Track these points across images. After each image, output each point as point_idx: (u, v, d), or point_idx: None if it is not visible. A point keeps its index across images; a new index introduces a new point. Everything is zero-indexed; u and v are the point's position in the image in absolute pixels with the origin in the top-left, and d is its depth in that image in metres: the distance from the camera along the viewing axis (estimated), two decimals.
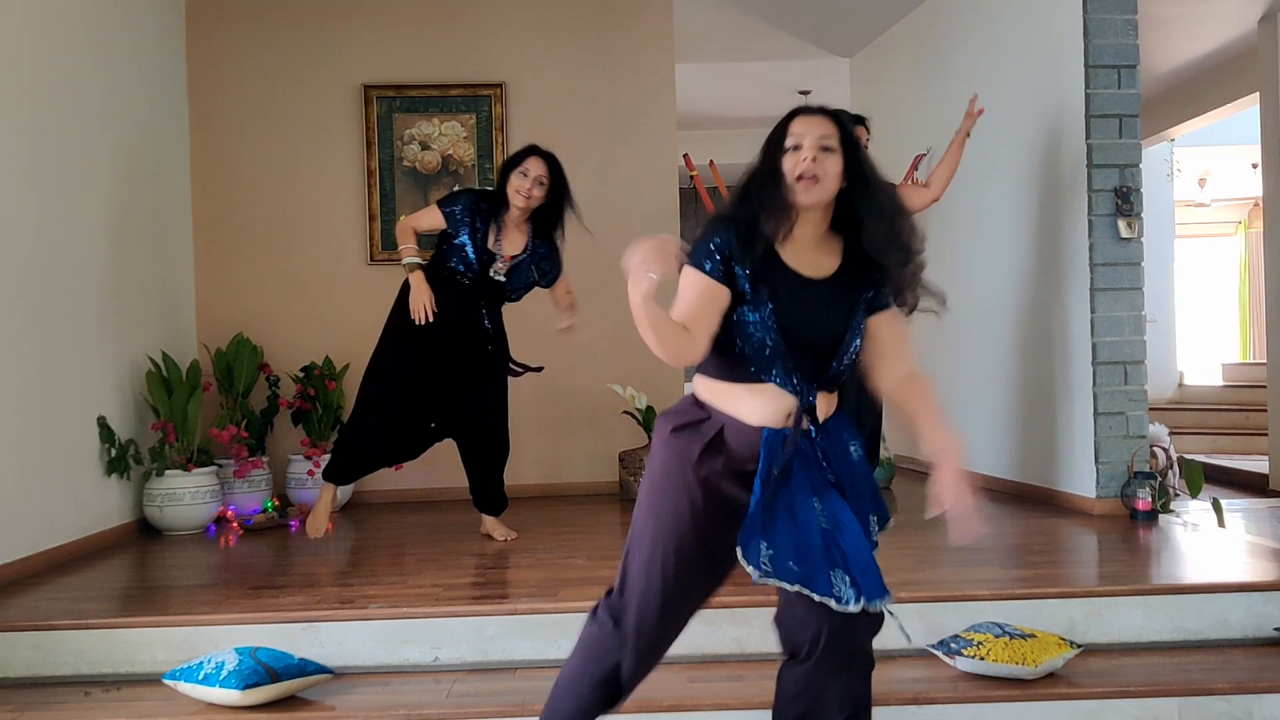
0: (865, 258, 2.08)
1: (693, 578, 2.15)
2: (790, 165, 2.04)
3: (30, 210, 4.06)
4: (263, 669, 2.80)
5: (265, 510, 5.04)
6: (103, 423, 4.53)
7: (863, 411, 4.23)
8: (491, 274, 4.21)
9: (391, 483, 5.62)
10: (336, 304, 5.68)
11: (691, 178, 5.78)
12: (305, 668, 2.91)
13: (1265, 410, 6.58)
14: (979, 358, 5.62)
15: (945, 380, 6.08)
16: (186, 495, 4.72)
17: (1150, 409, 4.84)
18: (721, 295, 2.02)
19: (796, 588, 2.00)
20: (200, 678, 2.81)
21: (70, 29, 4.44)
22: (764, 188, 2.04)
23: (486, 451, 4.36)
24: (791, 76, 8.40)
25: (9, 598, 3.52)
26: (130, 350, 4.84)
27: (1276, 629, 3.17)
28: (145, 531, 4.80)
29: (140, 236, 5.01)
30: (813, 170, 2.02)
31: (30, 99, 4.09)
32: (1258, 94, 6.41)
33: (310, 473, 5.29)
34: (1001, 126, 5.35)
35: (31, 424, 4.02)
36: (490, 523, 4.42)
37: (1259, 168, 6.79)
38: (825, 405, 2.12)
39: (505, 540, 4.33)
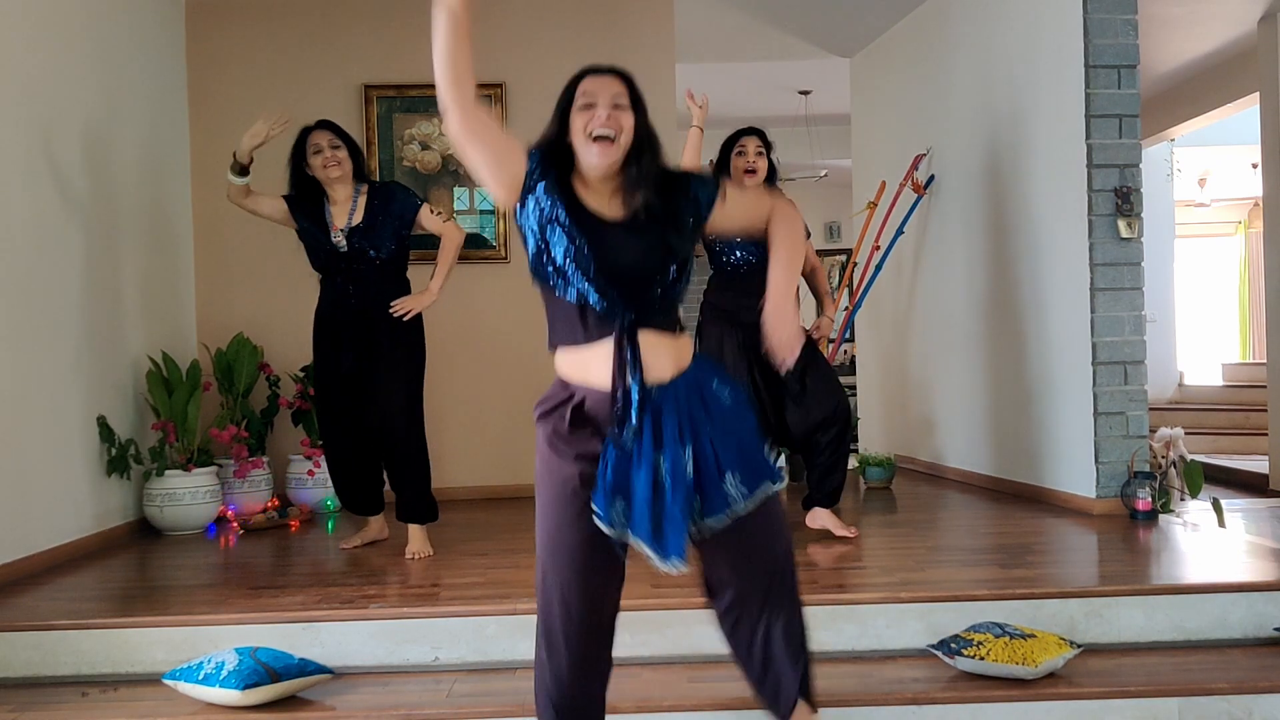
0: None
1: (593, 566, 2.13)
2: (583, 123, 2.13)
3: (30, 210, 4.06)
4: (263, 669, 2.80)
5: (265, 510, 5.04)
6: (103, 423, 4.53)
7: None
8: (335, 244, 4.09)
9: None
10: None
11: None
12: (305, 668, 2.91)
13: (1265, 410, 6.58)
14: (979, 358, 5.62)
15: (945, 379, 6.08)
16: (186, 495, 4.72)
17: (1150, 409, 4.84)
18: (511, 155, 2.11)
19: (640, 543, 2.06)
20: (200, 678, 2.81)
21: (70, 29, 4.44)
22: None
23: (401, 457, 4.14)
24: (791, 76, 8.40)
25: (9, 598, 3.52)
26: (130, 350, 4.85)
27: (1276, 629, 3.17)
28: (145, 531, 4.81)
29: (140, 236, 5.01)
30: (610, 127, 2.12)
31: (30, 99, 4.09)
32: (1258, 94, 6.41)
33: (310, 473, 5.29)
34: (1001, 126, 5.35)
35: (32, 424, 4.02)
36: (414, 532, 4.12)
37: (1259, 168, 6.79)
38: (669, 350, 2.12)
39: (414, 557, 4.02)
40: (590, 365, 2.10)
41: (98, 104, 4.63)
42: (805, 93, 8.92)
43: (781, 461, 2.02)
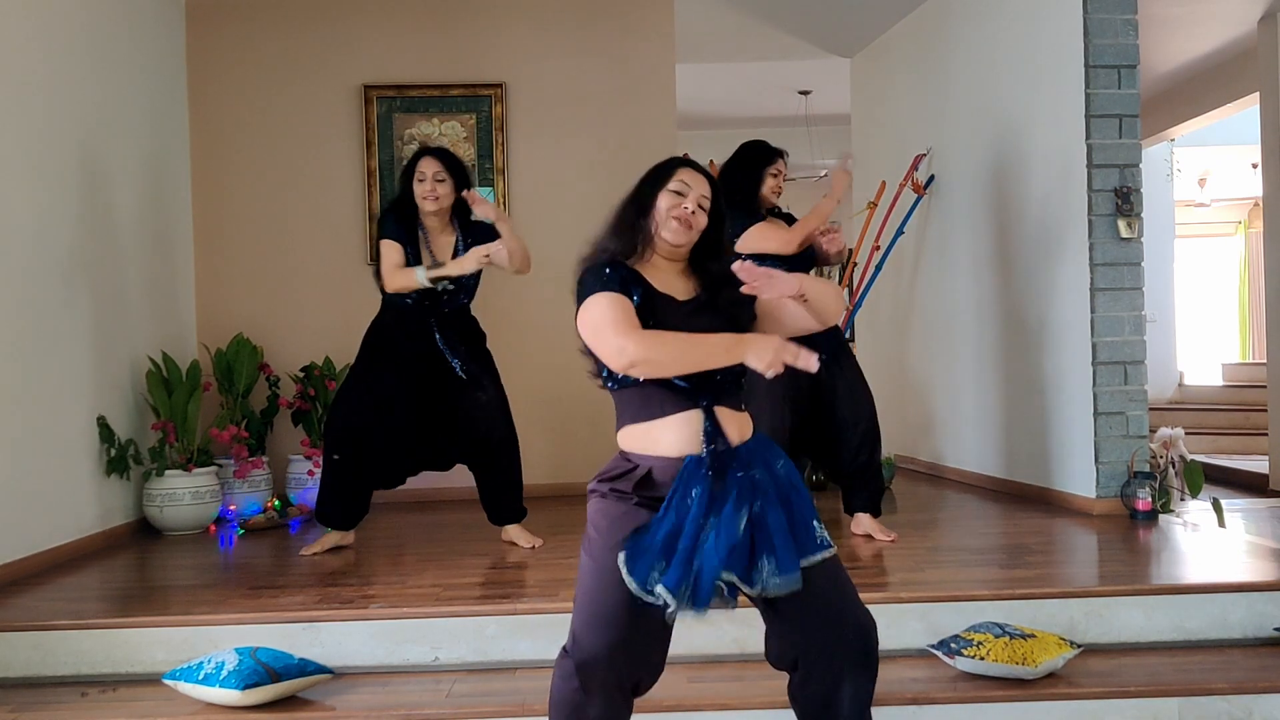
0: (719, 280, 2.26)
1: (643, 622, 2.13)
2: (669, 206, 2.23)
3: (30, 210, 4.06)
4: (263, 669, 2.80)
5: (265, 511, 5.04)
6: (103, 423, 4.53)
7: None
8: (438, 288, 4.03)
9: None
10: (336, 304, 5.68)
11: None
12: (305, 668, 2.91)
13: (1265, 410, 6.58)
14: (979, 358, 5.62)
15: (945, 380, 6.08)
16: (186, 495, 4.72)
17: (1150, 409, 4.84)
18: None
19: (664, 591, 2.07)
20: (200, 678, 2.81)
21: (70, 29, 4.44)
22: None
23: (505, 464, 4.21)
24: (791, 76, 8.40)
25: (9, 598, 3.52)
26: (130, 350, 4.84)
27: (1276, 629, 3.17)
28: (145, 531, 4.80)
29: (140, 236, 5.01)
30: (690, 220, 2.24)
31: (30, 99, 4.09)
32: (1258, 94, 6.41)
33: (310, 473, 5.28)
34: (1001, 126, 5.35)
35: (31, 424, 4.02)
36: (515, 531, 4.25)
37: (1259, 168, 6.79)
38: (736, 423, 2.19)
39: (533, 548, 4.15)
40: (660, 438, 2.17)
41: (98, 104, 4.63)
42: (805, 93, 8.92)
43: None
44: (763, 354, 2.05)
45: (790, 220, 4.27)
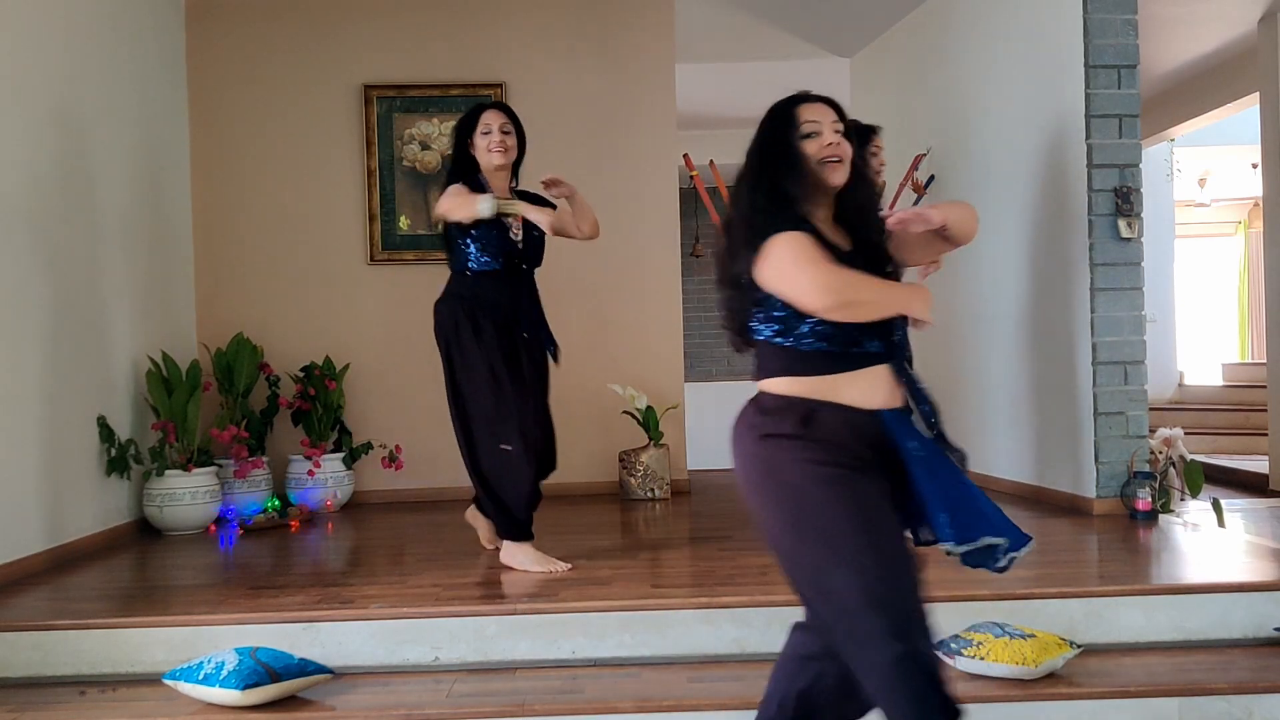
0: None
1: (897, 542, 2.14)
2: (814, 149, 2.12)
3: (28, 211, 4.06)
4: (263, 669, 2.80)
5: (266, 510, 5.04)
6: (103, 423, 4.53)
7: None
8: (513, 237, 3.80)
9: (391, 483, 5.62)
10: (336, 304, 5.69)
11: (691, 178, 5.78)
12: (305, 668, 2.91)
13: (1265, 410, 6.58)
14: (980, 358, 5.62)
15: (946, 380, 6.08)
16: (186, 495, 4.72)
17: (1150, 409, 4.84)
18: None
19: (985, 541, 2.22)
20: (200, 678, 2.81)
21: (70, 29, 4.44)
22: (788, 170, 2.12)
23: (546, 465, 4.00)
24: (791, 76, 8.38)
25: (9, 598, 3.52)
26: (130, 350, 4.85)
27: (1276, 629, 3.17)
28: (145, 531, 4.81)
29: (140, 236, 5.01)
30: (839, 153, 2.13)
31: (30, 99, 4.09)
32: (1258, 94, 6.41)
33: (310, 473, 5.29)
34: (1001, 126, 5.35)
35: (31, 424, 4.02)
36: (484, 521, 4.10)
37: (1259, 168, 6.79)
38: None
39: (492, 548, 4.07)
40: (844, 389, 2.07)
41: (98, 103, 4.63)
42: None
43: None
44: (925, 305, 2.02)
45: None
